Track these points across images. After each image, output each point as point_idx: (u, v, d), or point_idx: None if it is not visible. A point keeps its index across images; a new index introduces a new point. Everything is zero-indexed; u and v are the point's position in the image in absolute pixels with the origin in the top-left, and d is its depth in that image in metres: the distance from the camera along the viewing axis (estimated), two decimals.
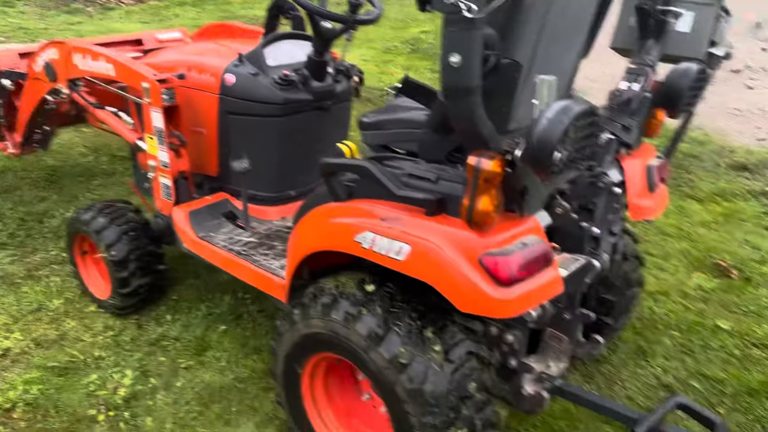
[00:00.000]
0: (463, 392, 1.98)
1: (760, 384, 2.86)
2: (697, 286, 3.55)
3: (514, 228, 1.91)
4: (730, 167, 4.81)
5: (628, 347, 3.11)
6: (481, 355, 2.09)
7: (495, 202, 1.78)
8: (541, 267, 1.92)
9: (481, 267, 1.80)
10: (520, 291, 1.84)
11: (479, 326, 2.17)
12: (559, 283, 1.97)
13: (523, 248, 1.86)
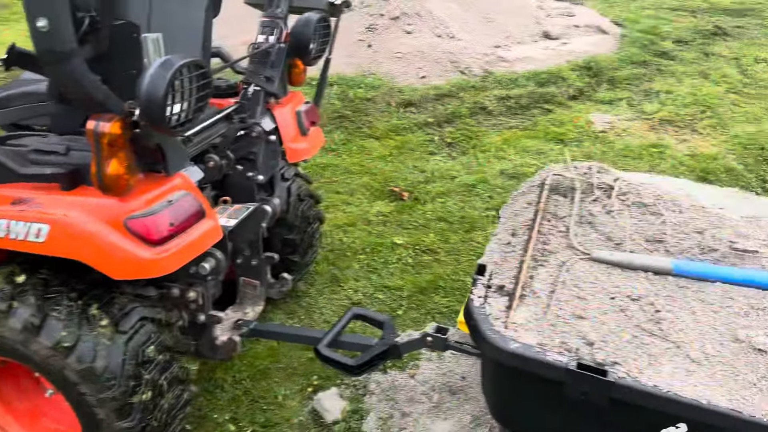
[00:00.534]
0: (141, 358, 1.99)
1: (428, 283, 3.38)
2: (378, 213, 4.01)
3: (160, 187, 1.94)
4: (400, 105, 5.44)
5: (323, 278, 3.41)
6: (158, 318, 2.11)
7: (125, 164, 1.78)
8: (195, 220, 1.99)
9: (127, 231, 1.81)
10: (175, 247, 1.89)
11: (154, 291, 2.19)
12: (216, 232, 2.06)
13: (170, 205, 1.90)
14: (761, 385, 1.50)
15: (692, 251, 1.76)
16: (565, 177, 2.10)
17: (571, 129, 5.16)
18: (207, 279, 2.26)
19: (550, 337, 1.68)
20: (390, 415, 2.58)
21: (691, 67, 6.38)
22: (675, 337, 1.61)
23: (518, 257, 1.96)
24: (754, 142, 4.89)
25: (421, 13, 6.48)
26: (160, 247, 1.86)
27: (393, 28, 6.15)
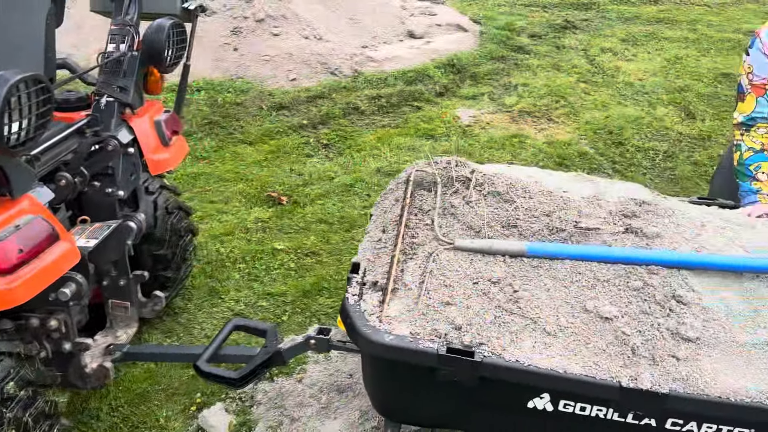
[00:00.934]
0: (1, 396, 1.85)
1: (312, 286, 3.39)
2: (256, 219, 3.95)
3: (5, 212, 1.81)
4: (272, 108, 5.38)
5: (201, 292, 3.31)
6: (16, 351, 1.97)
7: None
8: (47, 244, 1.87)
9: None
10: (27, 274, 1.78)
11: (9, 323, 2.03)
12: (73, 254, 1.95)
13: (17, 230, 1.78)
14: (610, 350, 1.65)
15: (542, 233, 1.90)
16: (427, 172, 2.19)
17: (440, 124, 5.36)
18: (69, 305, 2.14)
19: (421, 325, 1.75)
20: (279, 423, 2.56)
21: (545, 60, 6.83)
22: (532, 314, 1.73)
23: (389, 252, 2.01)
24: (603, 128, 5.33)
25: (286, 15, 6.45)
26: (10, 275, 1.73)
27: (259, 31, 6.07)
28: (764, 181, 2.38)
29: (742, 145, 2.47)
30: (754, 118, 2.46)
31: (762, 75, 2.43)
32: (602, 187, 2.08)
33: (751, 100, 2.46)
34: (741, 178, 2.46)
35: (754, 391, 1.58)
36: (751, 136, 2.45)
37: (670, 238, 1.85)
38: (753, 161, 2.41)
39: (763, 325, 1.70)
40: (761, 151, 2.42)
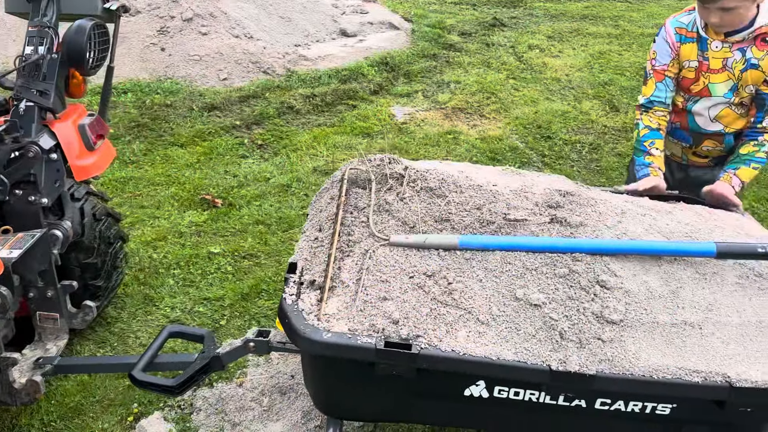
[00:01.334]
0: None
1: (250, 288, 3.36)
2: (190, 223, 3.87)
3: None
4: (203, 109, 5.28)
5: (135, 300, 3.23)
6: None
7: None
8: None
9: None
10: None
11: None
12: None
13: None
14: (539, 335, 1.72)
15: (474, 226, 1.95)
16: (362, 170, 2.21)
17: (376, 122, 5.40)
18: None
19: (359, 322, 1.77)
20: (220, 429, 2.53)
21: (476, 57, 6.98)
22: (466, 305, 1.78)
23: (326, 251, 2.02)
24: (532, 122, 5.50)
25: (215, 13, 6.34)
26: None
27: (187, 30, 5.94)
28: (656, 156, 2.54)
29: (640, 124, 2.64)
30: (652, 101, 2.62)
31: (663, 61, 2.59)
32: (529, 179, 2.15)
33: (651, 84, 2.62)
34: (637, 154, 2.63)
35: (674, 368, 1.68)
36: (649, 116, 2.62)
37: (593, 226, 1.94)
38: (648, 138, 2.57)
39: (682, 305, 1.81)
40: (657, 129, 2.58)
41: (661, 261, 1.88)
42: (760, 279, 1.90)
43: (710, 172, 2.69)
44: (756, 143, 2.50)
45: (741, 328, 1.78)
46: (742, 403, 1.73)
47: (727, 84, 2.51)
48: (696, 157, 2.76)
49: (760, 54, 2.43)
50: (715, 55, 2.49)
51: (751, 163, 2.48)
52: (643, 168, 2.54)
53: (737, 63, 2.46)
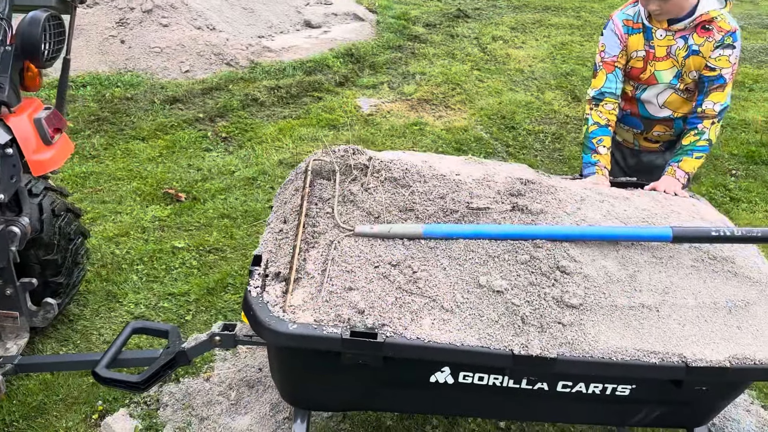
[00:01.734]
0: None
1: (216, 283, 3.33)
2: (153, 218, 3.82)
3: None
4: (165, 102, 5.19)
5: (98, 296, 3.17)
6: None
7: None
8: None
9: None
10: None
11: None
12: None
13: None
14: (502, 321, 1.75)
15: (438, 215, 1.97)
16: (326, 161, 2.21)
17: (342, 114, 5.38)
18: None
19: (325, 312, 1.77)
20: (188, 423, 2.51)
21: (441, 49, 7.01)
22: (431, 293, 1.80)
23: (291, 243, 2.02)
24: (497, 113, 5.55)
25: (175, 4, 6.22)
26: None
27: (147, 22, 5.83)
28: (603, 155, 2.59)
29: (589, 119, 2.68)
30: (603, 93, 2.68)
31: (612, 53, 2.65)
32: (491, 168, 2.18)
33: (601, 76, 2.68)
34: (584, 150, 2.68)
35: (632, 349, 1.73)
36: (598, 111, 2.66)
37: (553, 213, 1.98)
38: (596, 135, 2.63)
39: (639, 288, 1.86)
40: (606, 125, 2.63)
41: (619, 246, 1.93)
42: (714, 262, 1.96)
43: (661, 157, 2.77)
44: (696, 132, 2.58)
45: (696, 310, 1.84)
46: (698, 382, 1.79)
47: (672, 71, 2.60)
48: (647, 142, 2.84)
49: (700, 40, 2.53)
50: (660, 43, 2.58)
51: (693, 153, 2.56)
52: (589, 166, 2.60)
53: (680, 50, 2.56)
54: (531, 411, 2.03)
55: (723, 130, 5.41)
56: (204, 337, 2.24)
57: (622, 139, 2.89)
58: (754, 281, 1.92)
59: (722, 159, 4.94)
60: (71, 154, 2.63)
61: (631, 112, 2.77)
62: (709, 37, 2.51)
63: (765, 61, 7.00)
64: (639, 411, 1.95)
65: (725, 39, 2.50)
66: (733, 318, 1.84)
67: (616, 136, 2.89)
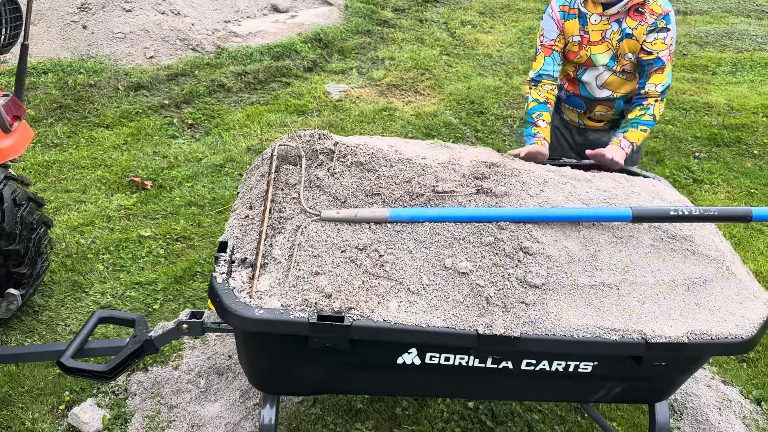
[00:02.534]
0: None
1: (184, 271, 3.30)
2: (118, 207, 3.76)
3: None
4: (129, 88, 5.10)
5: (63, 287, 3.12)
6: None
7: None
8: None
9: None
10: None
11: None
12: None
13: None
14: (467, 302, 1.78)
15: (404, 199, 1.98)
16: (292, 146, 2.20)
17: (311, 100, 5.35)
18: None
19: (292, 297, 1.77)
20: (157, 412, 2.50)
21: (409, 34, 7.00)
22: (397, 276, 1.81)
23: (257, 228, 2.01)
24: (465, 98, 5.58)
25: None
26: None
27: (109, 7, 5.70)
28: (542, 127, 2.68)
29: (529, 98, 2.77)
30: (541, 75, 2.76)
31: (550, 37, 2.73)
32: (456, 152, 2.19)
33: (540, 59, 2.75)
34: (525, 126, 2.76)
35: (593, 327, 1.77)
36: (537, 90, 2.75)
37: (517, 195, 2.00)
38: (535, 110, 2.71)
39: (600, 267, 1.90)
40: (544, 102, 2.72)
41: (581, 226, 1.97)
42: (673, 241, 2.01)
43: (607, 135, 2.85)
44: (641, 107, 2.66)
45: (655, 288, 1.89)
46: (657, 358, 1.84)
47: (608, 54, 2.67)
48: (591, 121, 2.93)
49: (633, 24, 2.60)
50: (595, 28, 2.65)
51: (638, 125, 2.64)
52: (529, 138, 2.67)
53: (614, 34, 2.63)
54: (497, 390, 2.06)
55: (686, 113, 5.53)
56: (171, 325, 2.22)
57: (569, 118, 3.00)
58: (712, 259, 1.98)
59: (685, 141, 5.05)
60: (32, 142, 2.58)
61: (573, 92, 2.88)
62: (641, 21, 2.58)
63: (727, 45, 7.14)
64: (601, 387, 2.00)
65: (658, 22, 2.57)
66: (691, 295, 1.89)
67: (563, 115, 3.00)
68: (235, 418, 2.47)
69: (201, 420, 2.46)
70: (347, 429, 2.49)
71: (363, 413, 2.56)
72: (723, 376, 2.91)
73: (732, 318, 1.85)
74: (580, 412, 2.66)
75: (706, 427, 2.62)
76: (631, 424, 2.62)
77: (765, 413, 2.73)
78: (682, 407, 2.71)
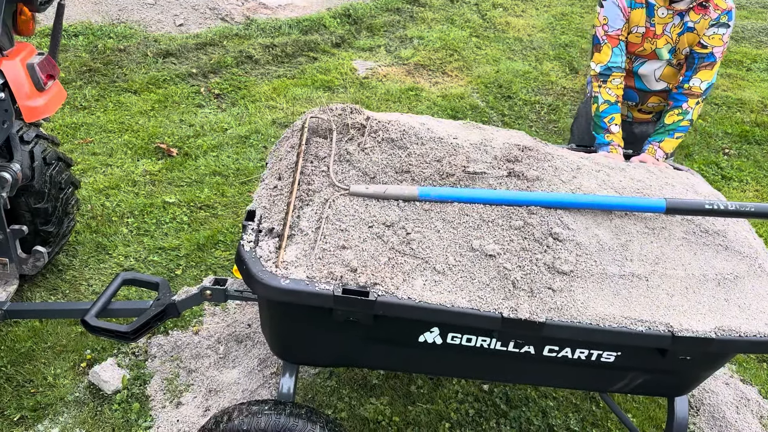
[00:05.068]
0: None
1: (207, 239, 3.32)
2: (144, 172, 3.79)
3: None
4: (158, 55, 5.10)
5: (87, 248, 3.16)
6: None
7: None
8: None
9: None
10: None
11: None
12: None
13: None
14: (493, 284, 1.77)
15: (433, 178, 1.96)
16: (323, 119, 2.19)
17: (337, 76, 5.32)
18: None
19: (318, 269, 1.78)
20: (176, 375, 2.54)
21: (440, 14, 6.91)
22: (424, 254, 1.80)
23: (285, 199, 2.01)
24: (494, 82, 5.51)
25: None
26: None
27: None
28: (616, 133, 2.57)
29: (599, 98, 2.63)
30: (610, 68, 2.63)
31: (616, 26, 2.61)
32: (489, 134, 2.17)
33: (607, 50, 2.63)
34: (596, 131, 2.64)
35: (620, 317, 1.75)
36: (607, 88, 2.62)
37: (549, 180, 1.98)
38: (607, 113, 2.59)
39: (630, 258, 1.87)
40: (615, 102, 2.60)
41: (613, 215, 1.94)
42: (705, 235, 1.98)
43: (653, 127, 2.78)
44: (680, 111, 2.58)
45: (685, 281, 1.86)
46: (682, 352, 1.82)
47: (667, 47, 2.61)
48: (641, 113, 2.86)
49: (696, 17, 2.53)
50: (660, 21, 2.57)
51: (674, 133, 2.57)
52: (602, 147, 2.57)
53: (675, 27, 2.56)
54: (516, 374, 2.06)
55: (718, 108, 5.42)
56: (195, 290, 2.24)
57: None
58: (744, 255, 1.95)
59: (716, 137, 4.96)
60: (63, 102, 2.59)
61: (627, 85, 2.75)
62: (705, 15, 2.51)
63: (764, 41, 6.97)
64: (623, 378, 1.98)
65: (721, 17, 2.50)
66: (721, 290, 1.86)
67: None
68: (253, 386, 2.50)
69: (219, 385, 2.49)
70: (362, 403, 2.51)
71: (378, 389, 2.57)
72: (742, 375, 2.89)
73: (762, 316, 1.82)
74: (595, 401, 2.66)
75: (723, 424, 2.60)
76: (646, 416, 2.61)
77: None
78: (699, 403, 2.70)
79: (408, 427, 2.46)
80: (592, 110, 2.65)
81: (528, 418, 2.54)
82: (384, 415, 2.48)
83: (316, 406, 2.48)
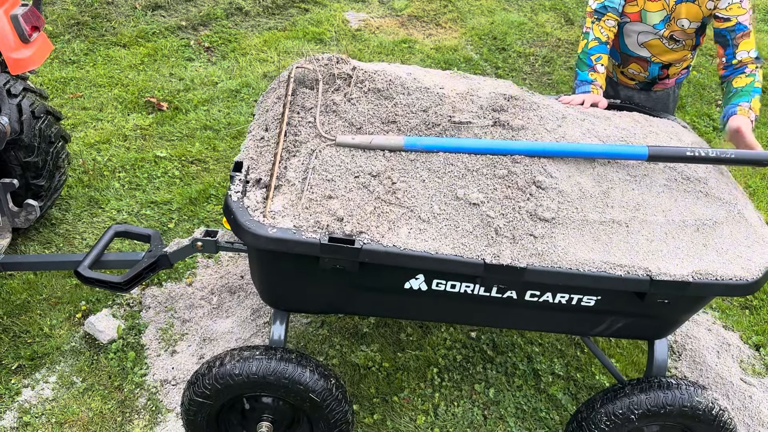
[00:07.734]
0: None
1: (198, 193, 3.34)
2: (135, 126, 3.77)
3: None
4: (146, 8, 5.01)
5: (79, 202, 3.18)
6: None
7: None
8: None
9: None
10: None
11: None
12: None
13: None
14: (476, 232, 1.80)
15: (419, 128, 1.98)
16: (309, 69, 2.18)
17: (329, 28, 5.24)
18: None
19: (305, 219, 1.81)
20: (170, 325, 2.59)
21: None
22: (409, 203, 1.83)
23: (272, 150, 2.03)
24: (488, 33, 5.44)
25: None
26: None
27: None
28: (600, 73, 2.48)
29: (590, 34, 2.54)
30: (606, 6, 2.51)
31: None
32: (475, 83, 2.17)
33: None
34: (581, 67, 2.54)
35: (599, 262, 1.79)
36: (600, 26, 2.53)
37: (534, 130, 1.99)
38: (595, 51, 2.50)
39: (611, 204, 1.90)
40: (605, 42, 2.50)
41: (596, 164, 1.96)
42: (686, 182, 2.00)
43: (637, 95, 2.73)
44: (746, 74, 2.40)
45: (665, 227, 1.90)
46: (660, 295, 1.87)
47: (660, 14, 2.49)
48: (624, 77, 2.79)
49: None
50: None
51: (755, 94, 2.37)
52: (584, 84, 2.48)
53: None
54: (500, 318, 2.12)
55: (712, 59, 5.37)
56: (186, 241, 2.28)
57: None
58: (724, 202, 1.98)
59: (709, 89, 4.93)
60: (49, 58, 2.57)
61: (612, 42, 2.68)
62: None
63: None
64: (603, 321, 2.04)
65: None
66: (700, 236, 1.90)
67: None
68: (246, 335, 2.56)
69: (213, 334, 2.56)
70: (353, 350, 2.58)
71: (368, 336, 2.64)
72: (724, 321, 2.96)
73: (739, 260, 1.86)
74: (580, 346, 2.73)
75: (703, 368, 2.69)
76: (629, 362, 2.69)
77: (762, 358, 2.79)
78: (681, 348, 2.78)
79: (397, 372, 2.54)
80: (580, 46, 2.54)
81: (514, 363, 2.62)
82: (374, 362, 2.56)
83: (308, 353, 2.54)
